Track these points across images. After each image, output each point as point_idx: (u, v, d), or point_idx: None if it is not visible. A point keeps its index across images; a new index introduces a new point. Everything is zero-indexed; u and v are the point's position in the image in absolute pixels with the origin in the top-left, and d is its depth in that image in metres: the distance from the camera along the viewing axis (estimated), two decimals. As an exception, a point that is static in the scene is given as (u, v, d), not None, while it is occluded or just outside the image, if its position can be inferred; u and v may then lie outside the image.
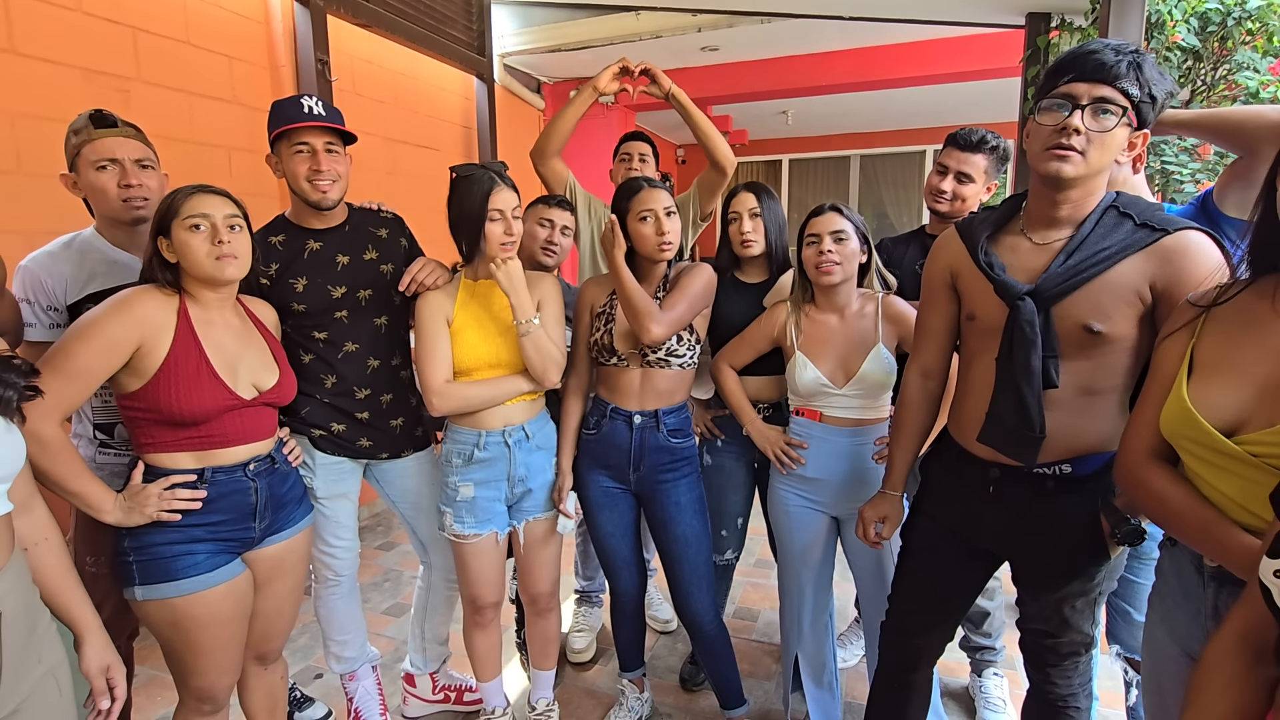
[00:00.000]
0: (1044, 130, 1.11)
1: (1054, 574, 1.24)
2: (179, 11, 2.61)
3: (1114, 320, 1.11)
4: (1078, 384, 1.16)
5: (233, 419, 1.34)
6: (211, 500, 1.32)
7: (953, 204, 1.83)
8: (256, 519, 1.39)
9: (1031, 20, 3.26)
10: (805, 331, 1.66)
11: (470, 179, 1.55)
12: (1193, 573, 0.99)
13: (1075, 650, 1.29)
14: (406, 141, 3.78)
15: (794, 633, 1.79)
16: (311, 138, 1.58)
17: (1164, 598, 1.07)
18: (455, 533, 1.67)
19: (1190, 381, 0.95)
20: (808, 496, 1.69)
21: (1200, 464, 0.93)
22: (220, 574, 1.33)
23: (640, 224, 1.60)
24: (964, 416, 1.30)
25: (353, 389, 1.70)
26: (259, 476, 1.38)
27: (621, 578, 1.82)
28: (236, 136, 2.85)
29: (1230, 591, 0.93)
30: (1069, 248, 1.14)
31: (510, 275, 1.53)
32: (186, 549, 1.29)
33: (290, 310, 1.64)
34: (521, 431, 1.65)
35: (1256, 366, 0.89)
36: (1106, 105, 1.06)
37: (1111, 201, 1.15)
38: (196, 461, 1.31)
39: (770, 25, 4.12)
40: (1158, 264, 1.09)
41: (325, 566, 1.80)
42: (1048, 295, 1.13)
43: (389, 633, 2.47)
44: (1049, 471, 1.20)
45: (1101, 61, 1.06)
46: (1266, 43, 2.71)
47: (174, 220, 1.28)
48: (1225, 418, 0.90)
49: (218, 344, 1.34)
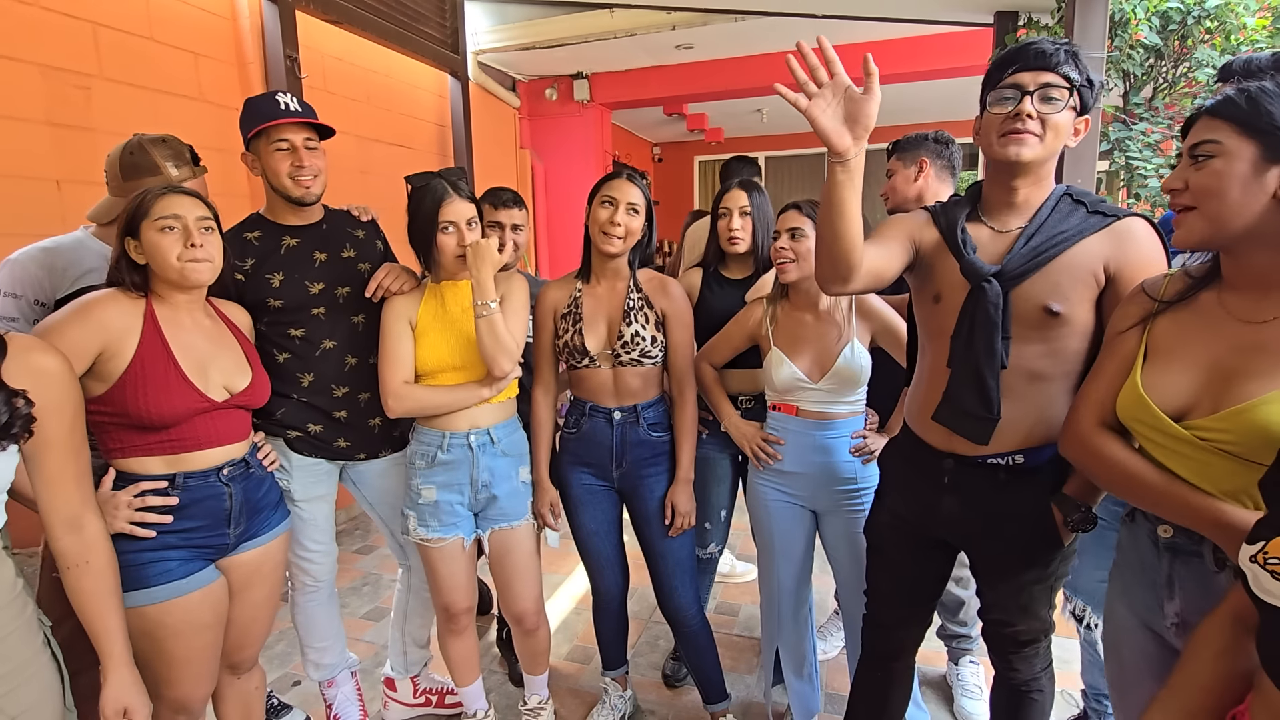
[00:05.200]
0: (996, 119, 1.17)
1: (1010, 564, 1.28)
2: (141, 7, 2.54)
3: (1071, 301, 1.16)
4: (1029, 369, 1.19)
5: (204, 422, 1.31)
6: (184, 506, 1.29)
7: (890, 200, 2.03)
8: (231, 524, 1.36)
9: (1000, 19, 3.32)
10: (781, 328, 1.67)
11: (425, 189, 1.54)
12: (1149, 545, 1.03)
13: (1035, 637, 1.33)
14: (380, 140, 3.73)
15: (774, 626, 1.80)
16: (291, 134, 1.58)
17: (1122, 571, 1.10)
18: (420, 536, 1.65)
19: (1144, 368, 0.99)
20: (786, 490, 1.71)
21: (1153, 446, 0.97)
22: (193, 581, 1.30)
23: (599, 207, 1.60)
24: (920, 400, 1.33)
25: (330, 387, 1.68)
26: (233, 481, 1.36)
27: (605, 576, 1.82)
28: (204, 135, 2.78)
29: (1184, 562, 0.98)
30: (1029, 231, 1.19)
31: (479, 252, 1.50)
32: (158, 556, 1.27)
33: (266, 307, 1.61)
34: (487, 435, 1.63)
35: (1205, 357, 0.94)
36: (1052, 90, 1.12)
37: (1065, 191, 1.21)
38: (167, 466, 1.29)
39: (744, 23, 4.14)
40: (1112, 247, 1.15)
41: (303, 572, 1.78)
42: (1011, 277, 1.17)
43: (368, 637, 2.44)
44: (1001, 462, 1.23)
45: (1042, 50, 1.12)
46: (1224, 41, 2.79)
47: (144, 221, 1.26)
48: (1175, 404, 0.94)
49: (187, 345, 1.31)
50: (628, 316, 1.63)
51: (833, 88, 1.07)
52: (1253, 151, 0.87)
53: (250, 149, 1.61)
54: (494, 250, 1.52)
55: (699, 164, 8.27)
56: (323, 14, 3.13)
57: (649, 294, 1.67)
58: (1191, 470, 0.93)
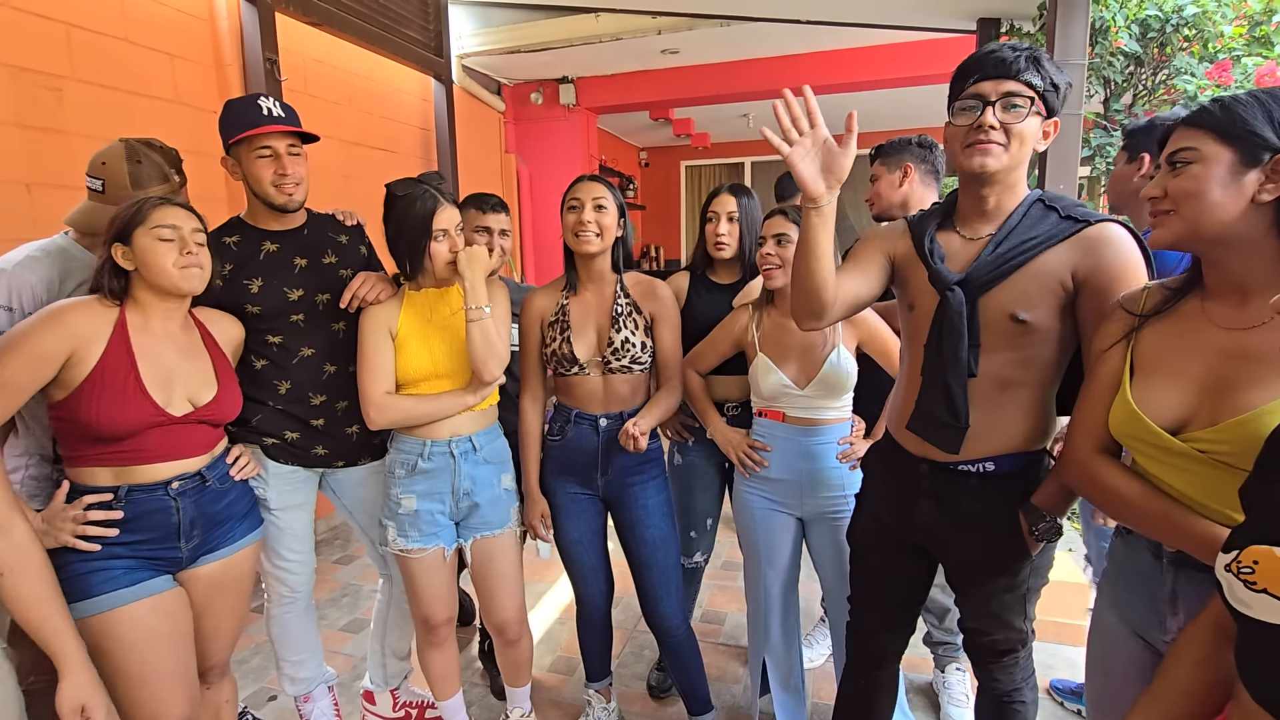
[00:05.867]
0: (960, 130, 1.16)
1: (979, 571, 1.28)
2: (115, 7, 2.49)
3: (1039, 309, 1.15)
4: (999, 376, 1.19)
5: (157, 435, 1.29)
6: (129, 519, 1.27)
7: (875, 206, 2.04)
8: (182, 538, 1.33)
9: (983, 26, 3.34)
10: (767, 334, 1.66)
11: (410, 198, 1.51)
12: (1149, 559, 1.01)
13: (1012, 647, 1.33)
14: (362, 144, 3.68)
15: (761, 636, 1.78)
16: (274, 141, 1.56)
17: (1115, 583, 1.09)
18: (399, 548, 1.61)
19: (1132, 383, 0.98)
20: (772, 498, 1.69)
21: (1151, 462, 0.96)
22: (141, 589, 1.26)
23: (568, 213, 1.60)
24: (897, 407, 1.34)
25: (307, 395, 1.65)
26: (183, 495, 1.33)
27: (589, 586, 1.79)
28: (181, 138, 2.69)
29: (1189, 575, 0.96)
30: (997, 238, 1.18)
31: (472, 258, 1.51)
32: (103, 565, 1.24)
33: (243, 313, 1.58)
34: (469, 443, 1.61)
35: (1194, 367, 0.93)
36: (1014, 98, 1.12)
37: (1038, 196, 1.20)
38: (114, 478, 1.27)
39: (729, 28, 4.14)
40: (1080, 253, 1.13)
41: (279, 583, 1.73)
42: (977, 284, 1.16)
43: (347, 650, 2.39)
44: (972, 469, 1.23)
45: (1002, 59, 1.11)
46: (1202, 48, 2.82)
47: (139, 228, 1.26)
48: (1170, 417, 0.93)
49: (153, 356, 1.29)
50: (616, 323, 1.61)
51: (813, 137, 1.12)
52: (1230, 156, 0.88)
53: (230, 154, 1.58)
54: (485, 255, 1.53)
55: (685, 168, 8.28)
56: (303, 16, 3.08)
57: (637, 298, 1.65)
58: (1191, 484, 0.92)
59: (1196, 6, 2.73)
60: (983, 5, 3.23)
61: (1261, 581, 0.66)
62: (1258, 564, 0.68)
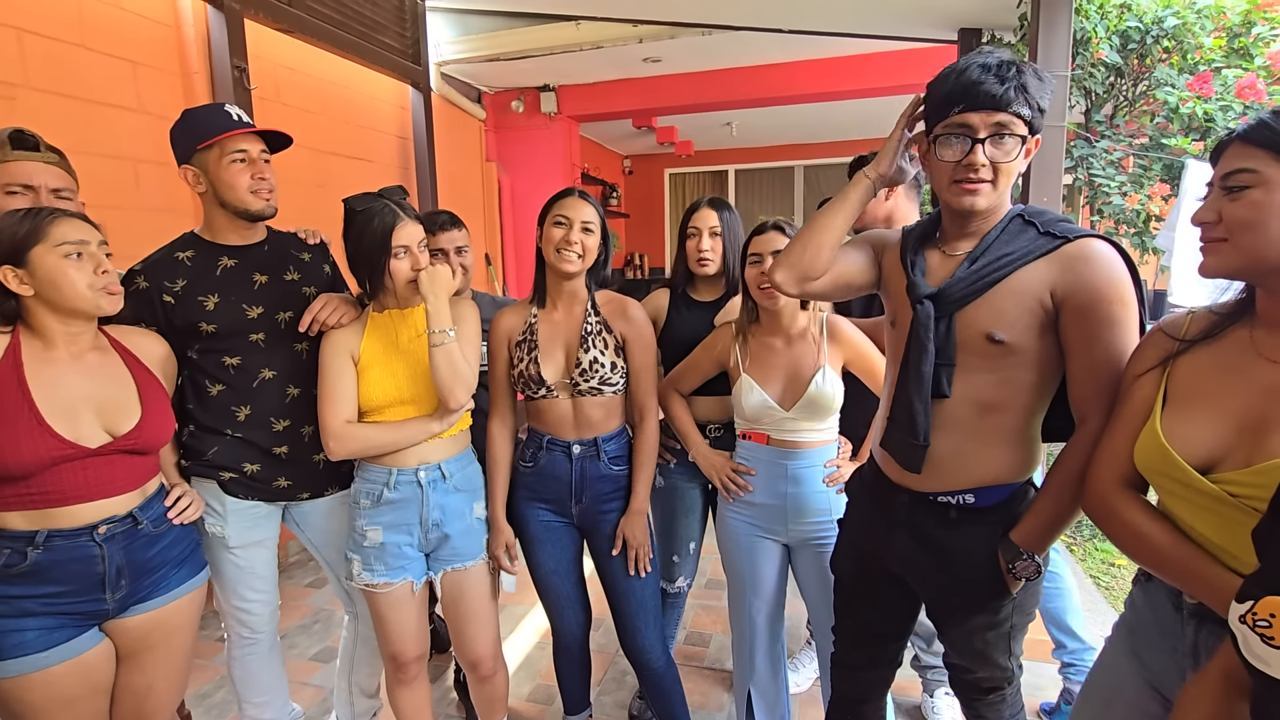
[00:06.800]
0: (947, 166, 1.11)
1: (959, 608, 1.23)
2: (72, 12, 2.40)
3: (1017, 329, 1.09)
4: (977, 400, 1.13)
5: (72, 472, 1.16)
6: (45, 569, 1.14)
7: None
8: (107, 589, 1.21)
9: (964, 36, 3.34)
10: (751, 354, 1.60)
11: (369, 212, 1.43)
12: (1170, 610, 0.95)
13: (997, 685, 1.28)
14: (338, 153, 3.60)
15: (746, 666, 1.72)
16: (248, 144, 1.48)
17: (1134, 631, 1.02)
18: (365, 582, 1.53)
19: (1164, 414, 0.91)
20: (756, 523, 1.63)
21: (1175, 500, 0.89)
22: (57, 653, 1.15)
23: (553, 228, 1.52)
24: (878, 426, 1.30)
25: (269, 420, 1.56)
26: (110, 541, 1.20)
27: (565, 617, 1.72)
28: (144, 148, 2.64)
29: (1211, 630, 0.89)
30: (974, 254, 1.13)
31: (434, 278, 1.43)
32: (15, 624, 1.12)
33: (198, 332, 1.49)
34: (438, 471, 1.52)
35: (1234, 402, 0.85)
36: (1004, 132, 1.06)
37: (1019, 212, 1.15)
38: (28, 523, 1.14)
39: (711, 37, 4.11)
40: (1059, 270, 1.08)
41: (240, 624, 1.64)
42: (951, 300, 1.12)
43: (316, 681, 2.29)
44: (952, 501, 1.18)
45: (991, 93, 1.05)
46: (1182, 60, 2.83)
47: (36, 246, 1.13)
48: (1200, 453, 0.86)
49: (54, 383, 1.17)
50: (585, 342, 1.55)
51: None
52: None
53: (192, 162, 1.48)
54: (448, 275, 1.45)
55: (669, 176, 8.25)
56: (273, 22, 3.00)
57: (607, 317, 1.59)
58: (1217, 528, 0.84)
59: (1176, 19, 2.74)
60: (964, 16, 3.22)
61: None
62: (1275, 617, 0.62)
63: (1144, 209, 2.79)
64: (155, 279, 1.49)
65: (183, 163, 1.50)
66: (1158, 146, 2.82)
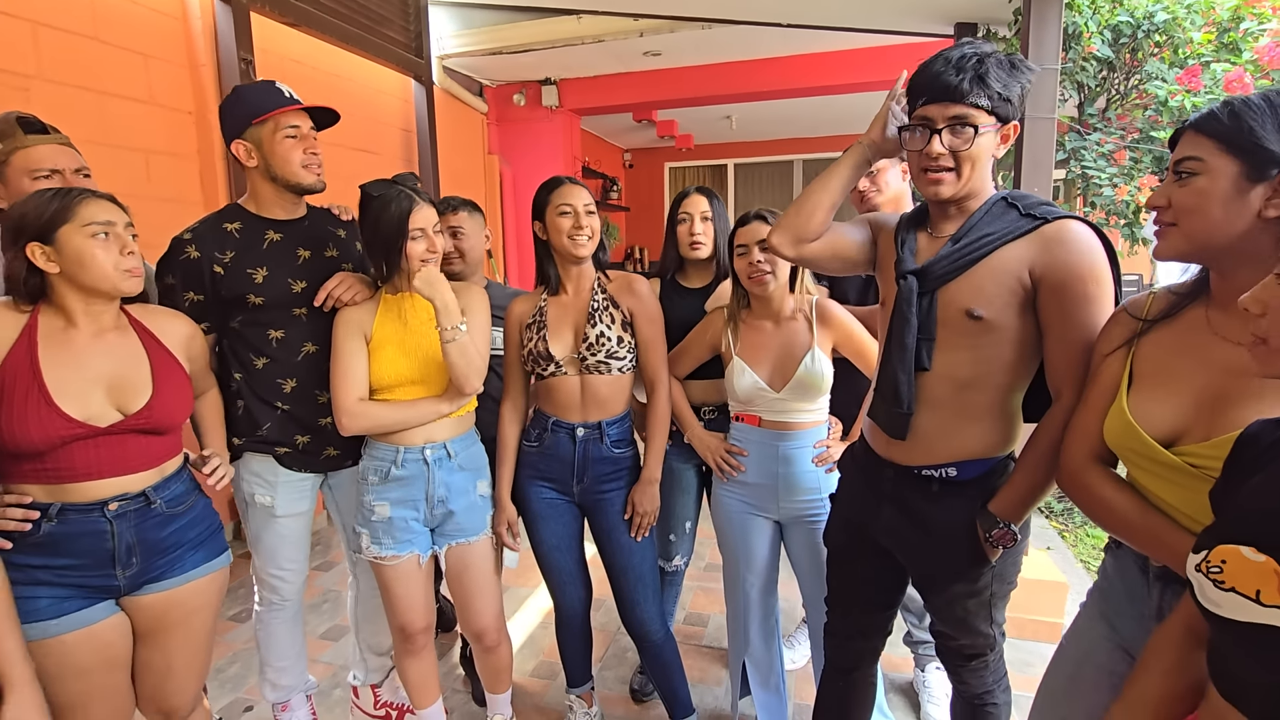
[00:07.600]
0: (914, 156, 1.18)
1: (940, 577, 1.29)
2: (86, 6, 2.45)
3: (995, 306, 1.14)
4: (956, 376, 1.19)
5: (83, 450, 1.17)
6: (57, 540, 1.17)
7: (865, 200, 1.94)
8: (117, 565, 1.22)
9: (960, 30, 3.38)
10: (742, 338, 1.66)
11: (385, 198, 1.48)
12: (1137, 574, 1.00)
13: (979, 652, 1.34)
14: (342, 145, 3.65)
15: (740, 639, 1.78)
16: (300, 120, 1.54)
17: (1106, 596, 1.08)
18: (373, 555, 1.59)
19: (1130, 392, 0.96)
20: (749, 501, 1.69)
21: (1143, 474, 0.95)
22: (67, 621, 1.18)
23: (559, 218, 1.58)
24: (869, 402, 1.35)
25: (314, 393, 1.62)
26: (121, 518, 1.21)
27: (566, 592, 1.78)
28: (154, 139, 2.69)
29: (1175, 591, 0.95)
30: (958, 234, 1.19)
31: (430, 281, 1.47)
32: (29, 592, 1.15)
33: (245, 303, 1.54)
34: (443, 449, 1.59)
35: (1193, 379, 0.90)
36: (961, 124, 1.11)
37: (1002, 196, 1.20)
38: (47, 495, 1.17)
39: (711, 31, 4.15)
40: (1037, 249, 1.12)
41: (272, 591, 1.72)
42: (934, 276, 1.17)
43: (326, 658, 2.36)
44: (935, 474, 1.24)
45: (947, 84, 1.10)
46: (1172, 54, 2.87)
47: (64, 226, 1.15)
48: (1164, 429, 0.91)
49: (69, 362, 1.18)
50: (592, 318, 1.61)
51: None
52: (1235, 170, 0.84)
53: (245, 137, 1.52)
54: (439, 274, 1.51)
55: (669, 170, 8.29)
56: (279, 16, 3.05)
57: (614, 294, 1.65)
58: (1182, 498, 0.90)
59: (1167, 13, 2.78)
60: (960, 10, 3.27)
61: (1229, 580, 0.65)
62: (1225, 563, 0.67)
63: (1133, 200, 2.84)
64: (206, 249, 1.52)
65: (234, 137, 1.53)
66: (1148, 139, 2.87)
